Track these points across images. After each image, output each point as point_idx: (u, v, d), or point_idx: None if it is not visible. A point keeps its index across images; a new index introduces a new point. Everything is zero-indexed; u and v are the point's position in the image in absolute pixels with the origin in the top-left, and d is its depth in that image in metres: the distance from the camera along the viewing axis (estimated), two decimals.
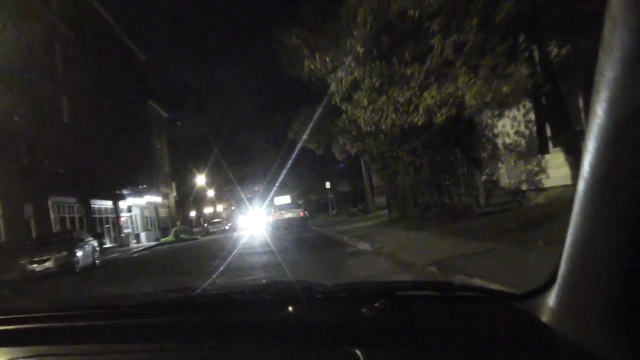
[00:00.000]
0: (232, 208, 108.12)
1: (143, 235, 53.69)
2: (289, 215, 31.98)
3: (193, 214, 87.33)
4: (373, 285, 2.76)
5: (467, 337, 1.55)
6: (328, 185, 55.53)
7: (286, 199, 52.71)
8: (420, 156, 21.33)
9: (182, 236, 50.43)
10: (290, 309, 1.89)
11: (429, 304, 1.95)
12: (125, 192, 48.65)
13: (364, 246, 17.07)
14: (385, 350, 1.52)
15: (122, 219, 49.03)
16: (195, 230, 70.35)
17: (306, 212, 33.16)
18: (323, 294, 2.02)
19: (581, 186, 1.26)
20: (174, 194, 75.57)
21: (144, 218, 56.21)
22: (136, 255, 34.32)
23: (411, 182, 22.59)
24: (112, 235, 45.64)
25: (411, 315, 1.77)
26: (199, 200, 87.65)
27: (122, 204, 49.92)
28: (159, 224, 61.82)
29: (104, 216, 45.34)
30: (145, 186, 53.35)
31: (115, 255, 35.19)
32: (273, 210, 34.57)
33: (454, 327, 1.65)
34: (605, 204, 1.22)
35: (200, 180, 78.40)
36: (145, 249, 40.08)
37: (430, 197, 21.47)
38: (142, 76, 63.48)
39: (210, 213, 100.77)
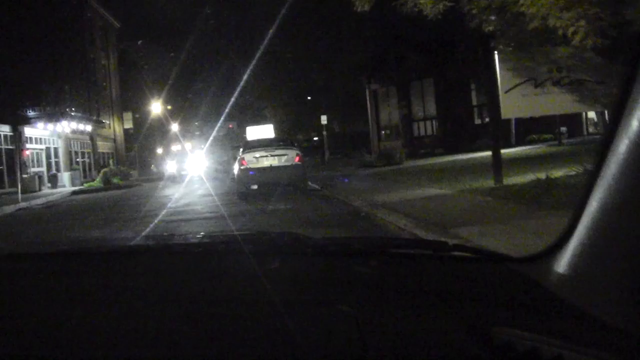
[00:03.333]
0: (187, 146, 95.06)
1: (65, 177, 38.40)
2: (273, 160, 16.26)
3: (160, 150, 72.44)
4: (365, 240, 2.60)
5: (464, 299, 1.48)
6: (324, 119, 40.00)
7: (267, 130, 36.98)
8: None
9: (114, 180, 35.23)
10: (277, 262, 1.82)
11: (424, 263, 1.86)
12: (31, 112, 33.21)
13: None
14: (380, 311, 1.43)
15: (26, 153, 33.67)
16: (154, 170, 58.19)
17: (302, 156, 17.53)
18: (312, 248, 1.95)
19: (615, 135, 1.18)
20: (127, 125, 61.14)
21: (67, 153, 40.79)
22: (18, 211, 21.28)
23: None
24: (6, 175, 30.34)
25: (405, 275, 1.73)
26: (160, 135, 72.55)
27: (29, 131, 34.66)
28: (96, 162, 46.66)
29: None
30: (71, 108, 37.67)
31: None
32: (242, 151, 18.01)
33: (450, 288, 1.59)
34: None
35: (157, 108, 63.42)
36: (49, 201, 26.10)
37: None
38: None
39: (178, 150, 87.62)
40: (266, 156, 16.90)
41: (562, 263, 1.36)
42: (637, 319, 1.15)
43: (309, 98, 50.63)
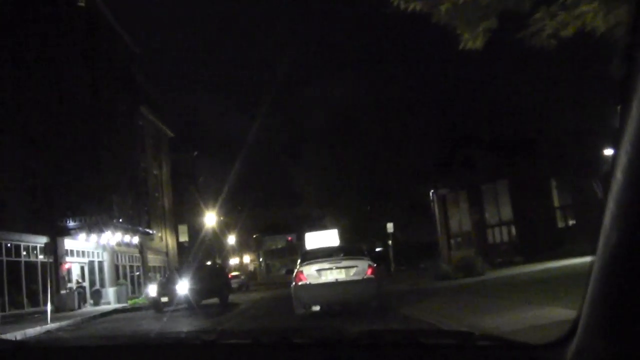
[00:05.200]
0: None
1: (110, 292, 35.27)
2: (339, 273, 12.66)
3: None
4: (395, 332, 2.67)
5: None
6: (390, 227, 36.21)
7: (330, 237, 33.24)
8: None
9: None
10: (320, 355, 1.98)
11: (451, 353, 1.92)
12: (71, 223, 30.59)
13: None
14: None
15: (64, 266, 30.83)
16: None
17: (375, 268, 13.77)
18: (346, 341, 2.12)
19: (607, 229, 1.22)
20: (182, 238, 58.90)
21: (113, 267, 37.93)
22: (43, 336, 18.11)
23: None
24: (41, 292, 27.37)
25: None
26: (214, 247, 69.78)
27: (70, 243, 32.00)
28: (147, 277, 43.70)
29: (22, 259, 27.38)
30: (118, 219, 35.07)
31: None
32: (300, 263, 14.09)
33: None
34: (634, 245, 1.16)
35: (212, 220, 61.06)
36: (78, 322, 23.08)
37: None
38: (132, 75, 46.63)
39: (236, 265, 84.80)
40: (330, 269, 13.17)
41: (576, 349, 1.40)
42: None
43: (368, 207, 47.33)
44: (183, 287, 23.87)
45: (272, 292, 36.03)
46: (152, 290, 25.73)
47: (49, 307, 22.41)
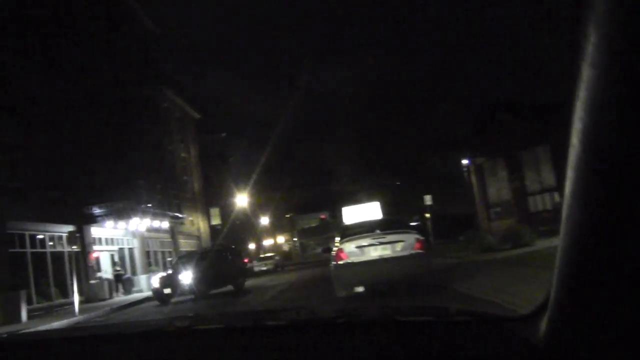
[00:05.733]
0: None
1: (143, 280, 34.33)
2: (384, 250, 11.32)
3: (252, 246, 68.76)
4: (372, 310, 2.59)
5: None
6: (428, 199, 34.61)
7: (371, 210, 31.62)
8: None
9: None
10: (291, 337, 1.94)
11: (427, 329, 1.89)
12: (97, 210, 29.63)
13: None
14: None
15: (93, 255, 29.92)
16: None
17: (424, 242, 12.30)
18: (320, 322, 2.12)
19: (568, 199, 1.22)
20: (214, 221, 58.17)
21: (144, 253, 37.06)
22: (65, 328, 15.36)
23: None
24: (69, 282, 26.41)
25: (409, 342, 1.77)
26: (247, 229, 68.81)
27: (98, 231, 31.07)
28: None
29: (47, 250, 26.47)
30: (146, 204, 34.08)
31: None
32: (340, 240, 12.73)
33: (451, 353, 1.67)
34: (598, 213, 1.15)
35: (244, 202, 60.08)
36: (107, 312, 22.26)
37: None
38: (156, 57, 45.59)
39: (270, 245, 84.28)
40: (374, 245, 11.71)
41: (549, 321, 1.40)
42: None
43: (398, 182, 45.71)
44: (186, 276, 21.88)
45: (309, 271, 34.90)
46: (154, 281, 23.54)
47: (76, 298, 21.49)
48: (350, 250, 11.79)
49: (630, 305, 1.12)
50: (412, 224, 45.50)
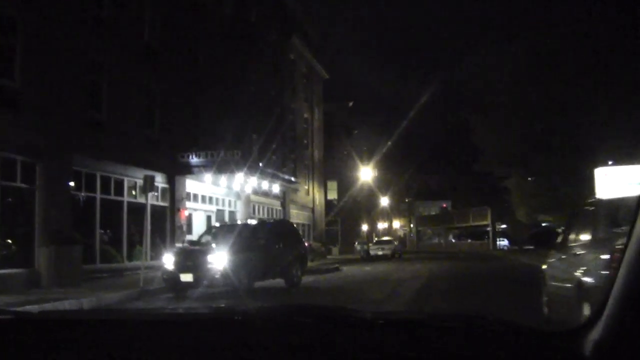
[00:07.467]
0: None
1: None
2: None
3: (365, 227, 63.62)
4: (409, 314, 2.74)
5: None
6: None
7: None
8: None
9: None
10: (326, 333, 1.87)
11: (460, 337, 1.84)
12: (194, 158, 24.39)
13: None
14: None
15: (184, 213, 24.77)
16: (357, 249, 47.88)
17: None
18: (361, 320, 2.03)
19: None
20: (331, 195, 53.72)
21: (246, 219, 31.89)
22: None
23: None
24: (149, 243, 21.04)
25: (446, 349, 1.73)
26: (363, 209, 63.12)
27: (194, 186, 26.00)
28: None
29: (124, 199, 21.30)
30: (256, 162, 28.58)
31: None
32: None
33: None
34: None
35: (365, 179, 54.65)
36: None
37: None
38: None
39: (384, 229, 78.99)
40: None
41: (600, 338, 1.39)
42: None
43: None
44: (220, 258, 14.93)
45: (436, 263, 29.33)
46: (167, 260, 15.83)
47: (143, 264, 16.29)
48: None
49: None
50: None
